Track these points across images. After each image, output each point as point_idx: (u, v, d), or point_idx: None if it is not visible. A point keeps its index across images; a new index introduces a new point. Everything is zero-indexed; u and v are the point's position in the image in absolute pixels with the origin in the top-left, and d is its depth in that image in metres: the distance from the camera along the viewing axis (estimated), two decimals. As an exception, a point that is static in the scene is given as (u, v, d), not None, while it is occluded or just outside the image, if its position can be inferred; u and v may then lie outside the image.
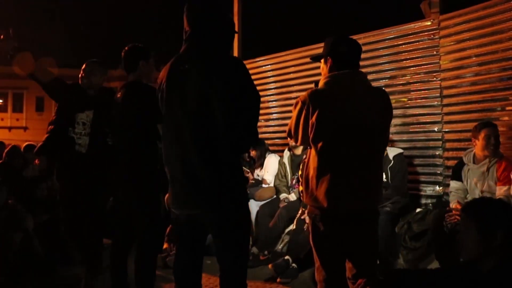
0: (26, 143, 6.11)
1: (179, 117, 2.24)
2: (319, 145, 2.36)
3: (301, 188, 4.57)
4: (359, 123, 2.34)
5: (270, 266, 4.15)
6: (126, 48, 3.35)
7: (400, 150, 4.35)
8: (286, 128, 2.63)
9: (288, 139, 5.00)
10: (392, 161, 4.23)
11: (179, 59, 2.32)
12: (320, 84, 2.46)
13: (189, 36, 2.31)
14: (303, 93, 2.46)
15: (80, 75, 3.83)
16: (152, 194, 3.23)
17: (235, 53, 6.63)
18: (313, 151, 2.41)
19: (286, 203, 4.93)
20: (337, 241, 2.40)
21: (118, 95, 3.30)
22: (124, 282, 3.33)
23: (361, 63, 2.58)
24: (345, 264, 2.46)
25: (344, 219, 2.36)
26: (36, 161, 5.57)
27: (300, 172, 4.68)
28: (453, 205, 3.69)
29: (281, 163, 5.22)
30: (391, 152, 4.25)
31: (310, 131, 2.38)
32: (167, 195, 4.35)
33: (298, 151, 5.06)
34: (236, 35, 2.64)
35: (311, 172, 2.41)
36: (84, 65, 3.86)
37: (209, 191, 2.20)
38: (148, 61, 3.31)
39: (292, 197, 4.97)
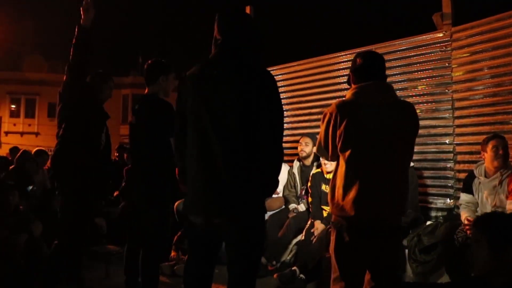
0: (37, 148, 6.18)
1: (205, 123, 2.23)
2: (347, 153, 2.38)
3: (310, 199, 4.58)
4: (386, 134, 2.36)
5: (275, 276, 4.13)
6: (149, 61, 3.48)
7: (411, 164, 4.32)
8: (316, 143, 2.67)
9: (298, 148, 5.02)
10: None
11: (209, 64, 2.32)
12: (348, 95, 2.49)
13: (220, 43, 2.33)
14: (331, 105, 2.49)
15: (104, 87, 3.72)
16: (163, 203, 3.37)
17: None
18: (341, 161, 2.43)
19: (295, 214, 4.91)
20: (361, 252, 2.40)
21: (136, 107, 3.45)
22: (137, 284, 3.45)
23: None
24: (365, 277, 2.45)
25: (370, 230, 2.36)
26: (46, 166, 5.63)
27: (309, 184, 4.67)
28: (463, 218, 3.65)
29: (290, 173, 5.21)
30: None
31: (338, 141, 2.39)
32: (177, 202, 4.42)
33: (308, 161, 5.04)
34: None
35: (338, 181, 2.43)
36: (108, 77, 3.77)
37: (231, 200, 2.20)
38: (167, 77, 3.45)
39: (301, 207, 4.95)
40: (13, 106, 27.70)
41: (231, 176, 2.19)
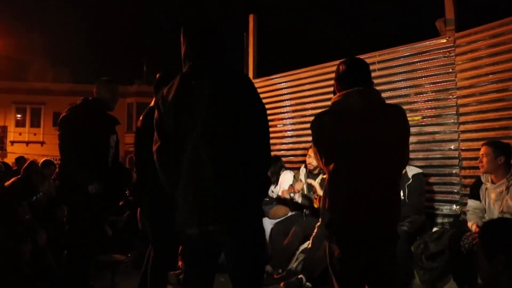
0: (44, 158, 6.20)
1: (189, 133, 2.22)
2: (330, 167, 2.33)
3: (316, 205, 4.55)
4: (370, 141, 2.27)
5: (282, 284, 4.11)
6: (159, 74, 3.56)
7: (420, 170, 4.32)
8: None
9: (307, 160, 5.00)
10: (411, 180, 4.20)
11: (185, 77, 2.33)
12: (331, 103, 2.45)
13: (190, 55, 2.35)
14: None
15: (109, 95, 3.80)
16: (168, 210, 3.37)
17: (250, 71, 6.67)
18: (327, 173, 2.38)
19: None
20: (354, 266, 2.33)
21: (142, 117, 3.46)
22: None
23: (377, 81, 2.57)
24: None
25: (360, 243, 2.30)
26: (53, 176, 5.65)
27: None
28: (471, 225, 3.63)
29: (296, 178, 5.20)
30: (411, 171, 4.24)
31: (321, 154, 2.37)
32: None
33: (316, 171, 5.02)
34: (251, 53, 2.69)
35: (327, 194, 2.37)
36: (111, 84, 3.83)
37: (224, 207, 2.18)
38: None
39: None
40: (18, 115, 27.86)
41: (221, 182, 2.17)
